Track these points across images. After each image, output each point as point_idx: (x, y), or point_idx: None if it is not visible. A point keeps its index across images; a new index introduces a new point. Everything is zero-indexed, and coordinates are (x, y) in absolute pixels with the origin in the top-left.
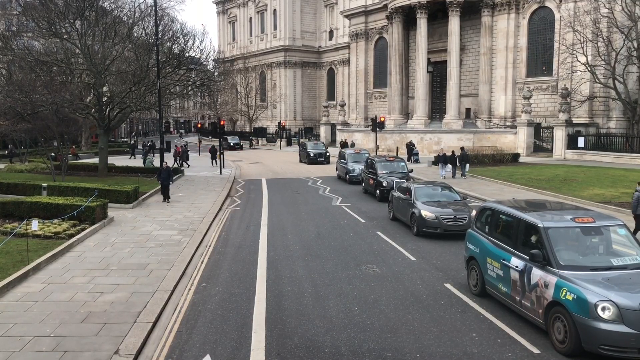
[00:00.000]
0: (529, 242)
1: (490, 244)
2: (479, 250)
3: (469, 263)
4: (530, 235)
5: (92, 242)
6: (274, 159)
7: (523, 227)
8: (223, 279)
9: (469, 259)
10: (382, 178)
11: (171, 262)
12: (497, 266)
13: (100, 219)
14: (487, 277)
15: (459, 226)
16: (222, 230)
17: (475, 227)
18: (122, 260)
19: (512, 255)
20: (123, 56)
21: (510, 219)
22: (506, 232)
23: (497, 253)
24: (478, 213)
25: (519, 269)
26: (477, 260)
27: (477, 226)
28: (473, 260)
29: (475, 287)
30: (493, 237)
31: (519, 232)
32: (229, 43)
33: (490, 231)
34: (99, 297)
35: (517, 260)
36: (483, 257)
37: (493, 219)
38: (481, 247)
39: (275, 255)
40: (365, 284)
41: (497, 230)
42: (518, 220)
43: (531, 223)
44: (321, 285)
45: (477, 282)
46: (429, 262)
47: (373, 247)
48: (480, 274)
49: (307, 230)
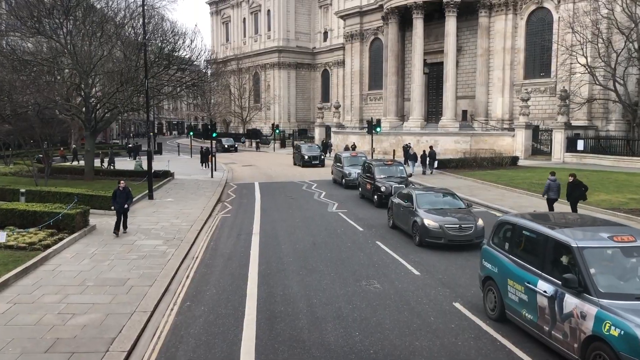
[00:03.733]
0: (559, 263)
1: (511, 263)
2: (497, 270)
3: (485, 284)
4: (561, 255)
5: (70, 254)
6: (267, 161)
7: (552, 246)
8: (209, 297)
9: (486, 279)
10: (380, 183)
11: (154, 276)
12: (520, 289)
13: (81, 228)
14: (507, 301)
15: (464, 236)
16: (210, 240)
17: (492, 244)
18: (100, 275)
19: (539, 278)
20: (111, 56)
21: (535, 235)
22: (531, 251)
23: (520, 275)
24: (496, 227)
25: (548, 294)
26: (496, 282)
27: (494, 242)
28: (490, 281)
29: (493, 311)
30: (514, 256)
31: (547, 252)
32: (223, 44)
33: (511, 249)
34: (69, 320)
35: (545, 285)
36: (503, 278)
37: (514, 235)
38: (500, 266)
39: (267, 268)
40: (366, 304)
41: (519, 248)
42: (545, 238)
43: (562, 242)
44: (318, 304)
45: (495, 306)
46: (434, 277)
47: (373, 259)
48: (499, 297)
49: (301, 239)
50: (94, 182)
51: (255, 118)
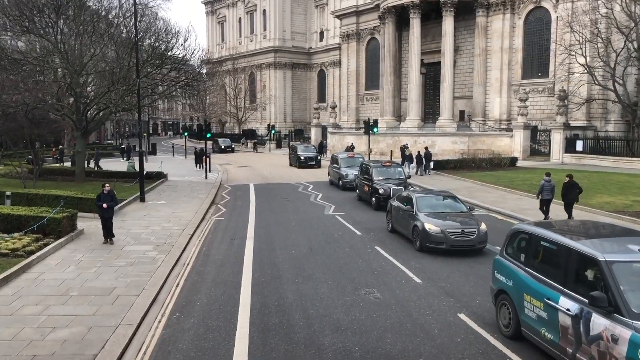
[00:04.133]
0: (584, 279)
1: (528, 277)
2: (512, 284)
3: (498, 298)
4: (586, 270)
5: (55, 260)
6: (263, 162)
7: (575, 259)
8: (200, 308)
9: (499, 293)
10: (378, 185)
11: (141, 285)
12: (538, 306)
13: (68, 232)
14: (523, 318)
15: (466, 241)
16: (203, 245)
17: (505, 254)
18: (85, 283)
19: (561, 294)
20: (103, 55)
21: (555, 247)
22: (550, 264)
23: (539, 289)
24: (510, 237)
25: (571, 312)
26: (510, 296)
27: (508, 253)
28: (504, 295)
29: (508, 328)
30: (532, 269)
31: (570, 266)
32: (218, 44)
33: (528, 261)
34: (49, 334)
35: (568, 302)
36: (518, 292)
37: (531, 245)
38: (515, 279)
39: (261, 275)
40: (366, 315)
41: (537, 260)
42: (567, 250)
43: (587, 255)
44: (314, 316)
45: (509, 323)
46: (436, 285)
47: (372, 266)
48: (514, 313)
49: (297, 244)
50: (84, 184)
51: (251, 118)
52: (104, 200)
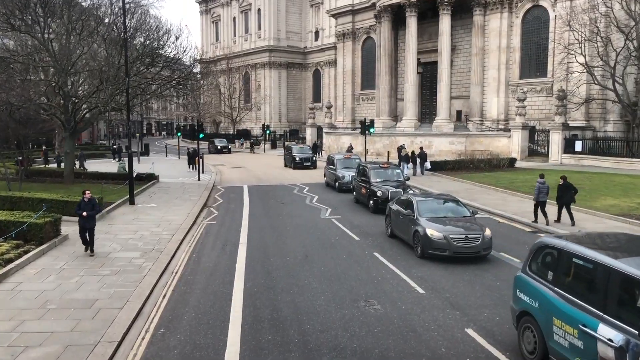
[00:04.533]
0: (629, 304)
1: (557, 298)
2: (538, 305)
3: (520, 320)
4: (632, 294)
5: (34, 269)
6: (257, 163)
7: (617, 280)
8: (187, 322)
9: (522, 315)
10: (376, 187)
11: (126, 296)
12: (571, 332)
13: (51, 238)
14: (552, 345)
15: (470, 248)
16: (193, 251)
17: (529, 271)
18: (65, 295)
19: (600, 320)
20: (93, 53)
21: (591, 265)
22: (586, 284)
23: (572, 314)
24: (534, 252)
25: (615, 344)
26: (536, 319)
27: (532, 270)
28: (528, 317)
29: (533, 354)
30: (562, 289)
31: (611, 288)
32: (212, 43)
33: (557, 279)
34: (20, 355)
35: (609, 330)
36: (546, 315)
37: (560, 262)
38: (542, 300)
39: (254, 285)
40: (367, 330)
41: (568, 279)
42: (606, 270)
43: (633, 277)
44: (311, 332)
45: (535, 349)
46: (440, 296)
47: (371, 274)
48: (540, 338)
49: (292, 250)
50: (73, 186)
51: (246, 118)
52: (85, 209)
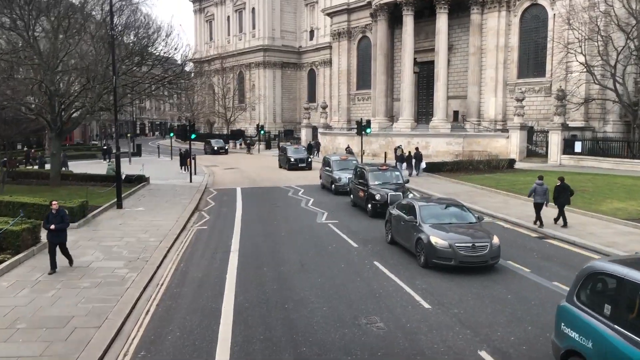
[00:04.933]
0: None
1: (619, 339)
2: (592, 345)
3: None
4: None
5: (7, 281)
6: (251, 164)
7: None
8: (171, 344)
9: (569, 354)
10: (374, 190)
11: (105, 313)
12: None
13: (29, 246)
14: None
15: (478, 257)
16: (181, 260)
17: (577, 302)
18: (37, 312)
19: None
20: (80, 51)
21: None
22: None
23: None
24: (583, 279)
25: None
26: None
27: (581, 300)
28: (576, 358)
29: None
30: (625, 328)
31: None
32: (206, 42)
33: (616, 315)
34: None
35: None
36: (602, 356)
37: (621, 294)
38: (597, 340)
39: (245, 300)
40: (370, 353)
41: (633, 316)
42: None
43: None
44: (308, 355)
45: None
46: (448, 312)
47: (372, 286)
48: None
49: (287, 259)
50: (59, 189)
51: (240, 118)
52: (53, 222)
